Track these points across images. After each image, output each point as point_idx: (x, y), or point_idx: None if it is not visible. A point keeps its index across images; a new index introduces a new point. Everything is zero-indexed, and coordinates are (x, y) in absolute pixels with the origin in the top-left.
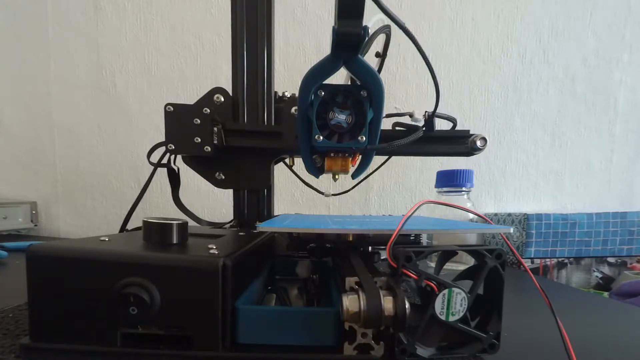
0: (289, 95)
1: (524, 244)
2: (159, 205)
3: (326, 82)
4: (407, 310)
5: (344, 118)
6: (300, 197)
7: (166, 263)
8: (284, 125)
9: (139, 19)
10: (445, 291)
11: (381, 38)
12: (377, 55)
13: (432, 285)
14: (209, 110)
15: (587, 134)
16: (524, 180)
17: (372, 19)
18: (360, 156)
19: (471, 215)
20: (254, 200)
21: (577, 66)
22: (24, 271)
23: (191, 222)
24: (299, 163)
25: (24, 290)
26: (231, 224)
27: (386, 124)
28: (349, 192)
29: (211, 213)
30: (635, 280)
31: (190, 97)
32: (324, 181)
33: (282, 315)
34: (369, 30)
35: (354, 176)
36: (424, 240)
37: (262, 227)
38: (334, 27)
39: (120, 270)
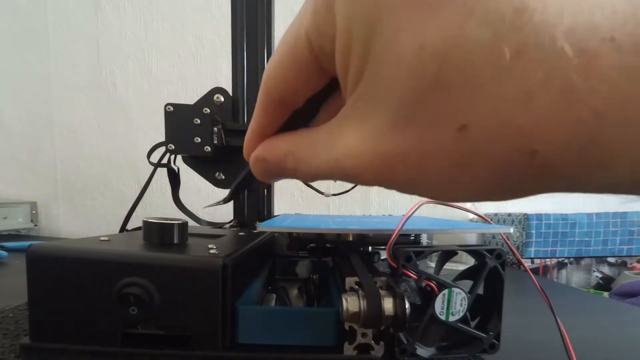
0: None
1: (524, 244)
2: (159, 205)
3: None
4: (407, 310)
5: None
6: (300, 197)
7: (166, 263)
8: None
9: (139, 19)
10: (445, 291)
11: None
12: None
13: (432, 285)
14: (209, 110)
15: None
16: None
17: None
18: None
19: (471, 215)
20: (254, 200)
21: None
22: (24, 271)
23: (191, 222)
24: None
25: (24, 290)
26: (231, 224)
27: None
28: (349, 192)
29: (211, 213)
30: (635, 280)
31: (190, 97)
32: (324, 181)
33: (282, 315)
34: None
35: None
36: (424, 240)
37: (262, 227)
38: None
39: (120, 270)
